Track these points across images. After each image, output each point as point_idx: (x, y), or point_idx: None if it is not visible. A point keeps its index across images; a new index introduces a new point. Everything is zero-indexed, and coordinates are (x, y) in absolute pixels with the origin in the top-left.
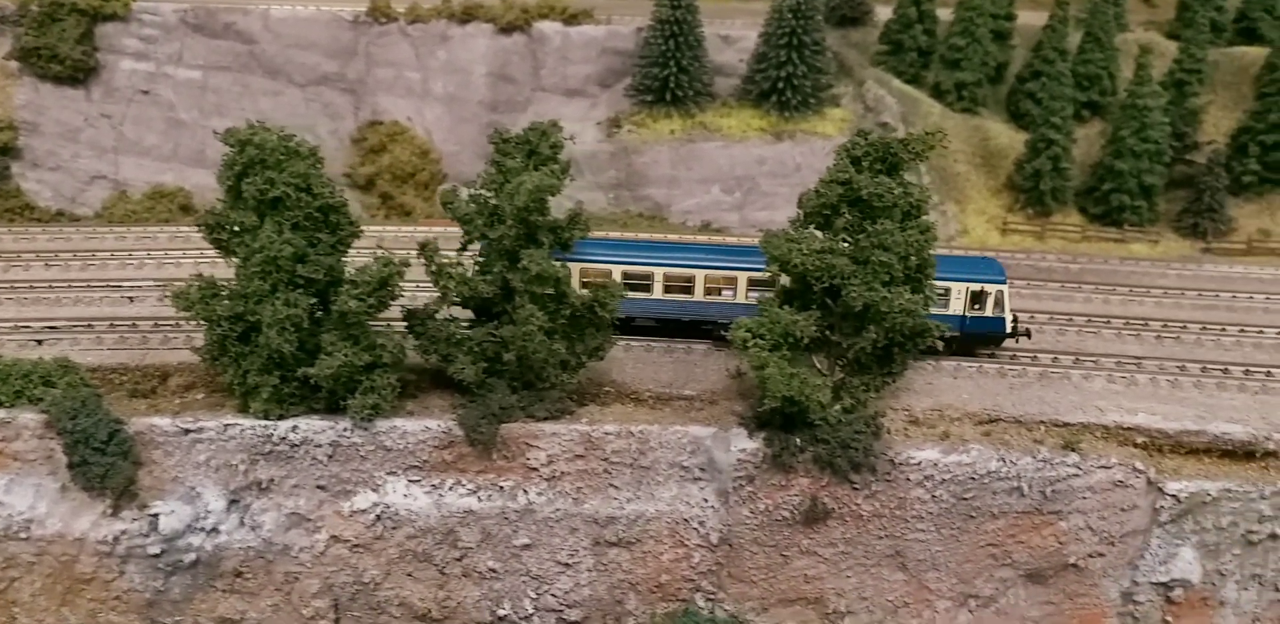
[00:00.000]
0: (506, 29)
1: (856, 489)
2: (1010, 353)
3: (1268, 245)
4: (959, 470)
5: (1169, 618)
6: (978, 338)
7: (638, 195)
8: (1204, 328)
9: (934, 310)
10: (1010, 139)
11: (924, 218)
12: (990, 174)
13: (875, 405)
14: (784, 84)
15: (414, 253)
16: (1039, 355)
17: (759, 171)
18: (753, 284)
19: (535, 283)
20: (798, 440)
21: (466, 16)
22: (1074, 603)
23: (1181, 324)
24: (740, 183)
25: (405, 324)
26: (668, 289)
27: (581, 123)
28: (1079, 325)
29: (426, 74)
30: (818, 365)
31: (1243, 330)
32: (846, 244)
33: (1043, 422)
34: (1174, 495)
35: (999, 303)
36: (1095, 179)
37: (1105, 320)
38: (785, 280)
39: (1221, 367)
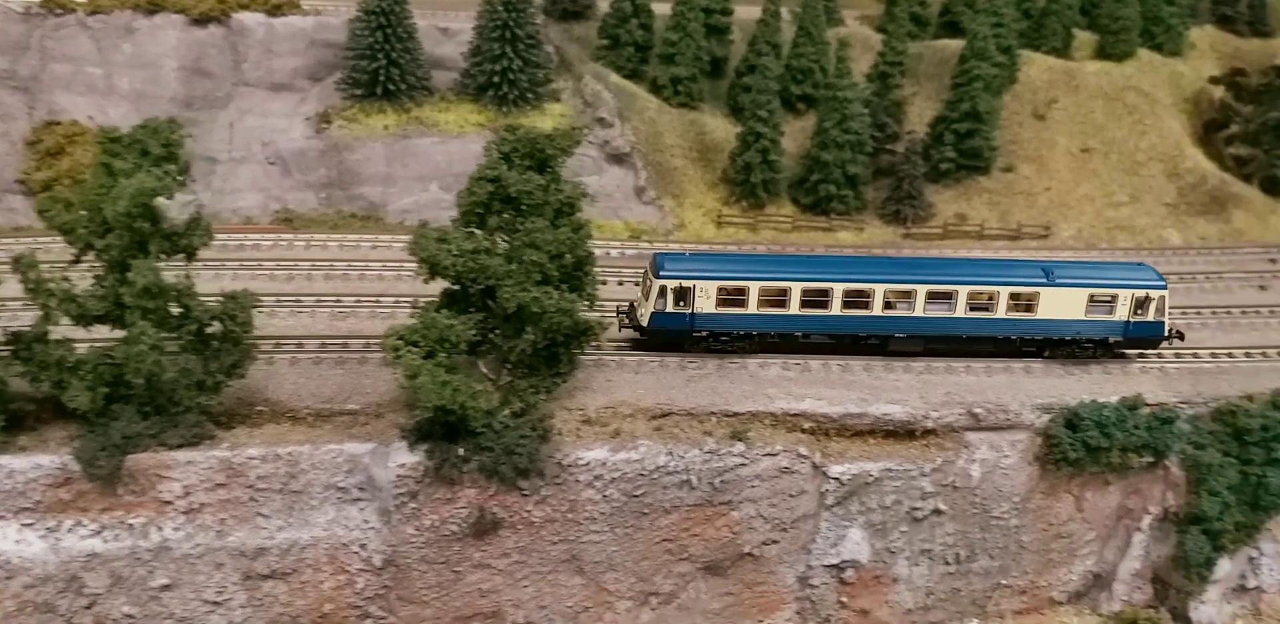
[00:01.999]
0: (201, 20)
1: (526, 496)
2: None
3: (962, 228)
4: (628, 468)
5: (844, 598)
6: (1138, 341)
7: (351, 195)
8: None
9: (1102, 316)
10: (726, 133)
11: (578, 216)
12: (707, 168)
13: (547, 407)
14: (500, 78)
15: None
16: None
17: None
18: (931, 297)
19: (145, 297)
20: (461, 450)
21: (154, 7)
22: (753, 592)
23: None
24: (459, 180)
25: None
26: (846, 305)
27: (289, 119)
28: None
29: (110, 69)
30: (484, 370)
31: None
32: (504, 244)
33: (714, 413)
34: (837, 478)
35: (1160, 308)
36: (805, 170)
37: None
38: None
39: None
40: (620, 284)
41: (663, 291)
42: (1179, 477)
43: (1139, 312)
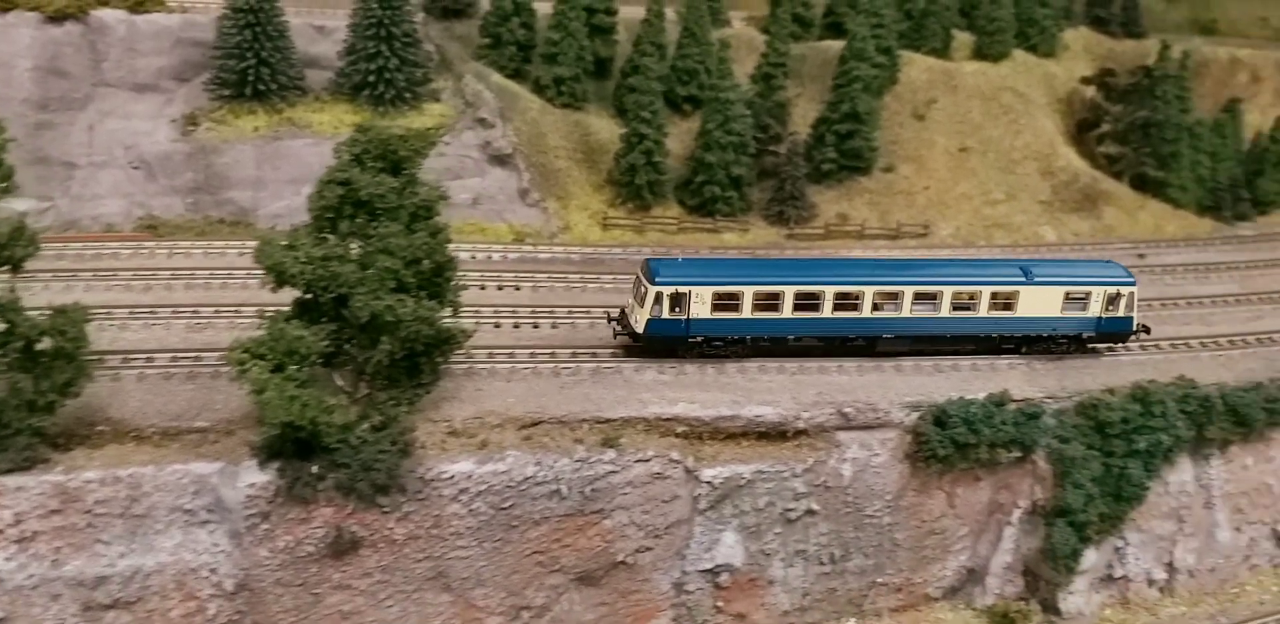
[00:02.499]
0: (56, 17)
1: (387, 513)
2: (570, 350)
3: (844, 229)
4: (495, 480)
5: (720, 603)
6: (1109, 336)
7: (220, 199)
8: None
9: (1076, 313)
10: (611, 134)
11: (436, 219)
12: (593, 169)
13: (409, 420)
14: (376, 78)
15: None
16: (597, 351)
17: None
18: (918, 298)
19: None
20: (315, 468)
21: (6, 4)
22: (628, 601)
23: None
24: None
25: None
26: (837, 307)
27: (154, 121)
28: None
29: None
30: (340, 383)
31: None
32: (357, 249)
33: (586, 420)
34: (710, 482)
35: (1129, 304)
36: (690, 172)
37: None
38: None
39: None
40: (500, 288)
41: (659, 298)
42: (1046, 470)
43: (1110, 307)
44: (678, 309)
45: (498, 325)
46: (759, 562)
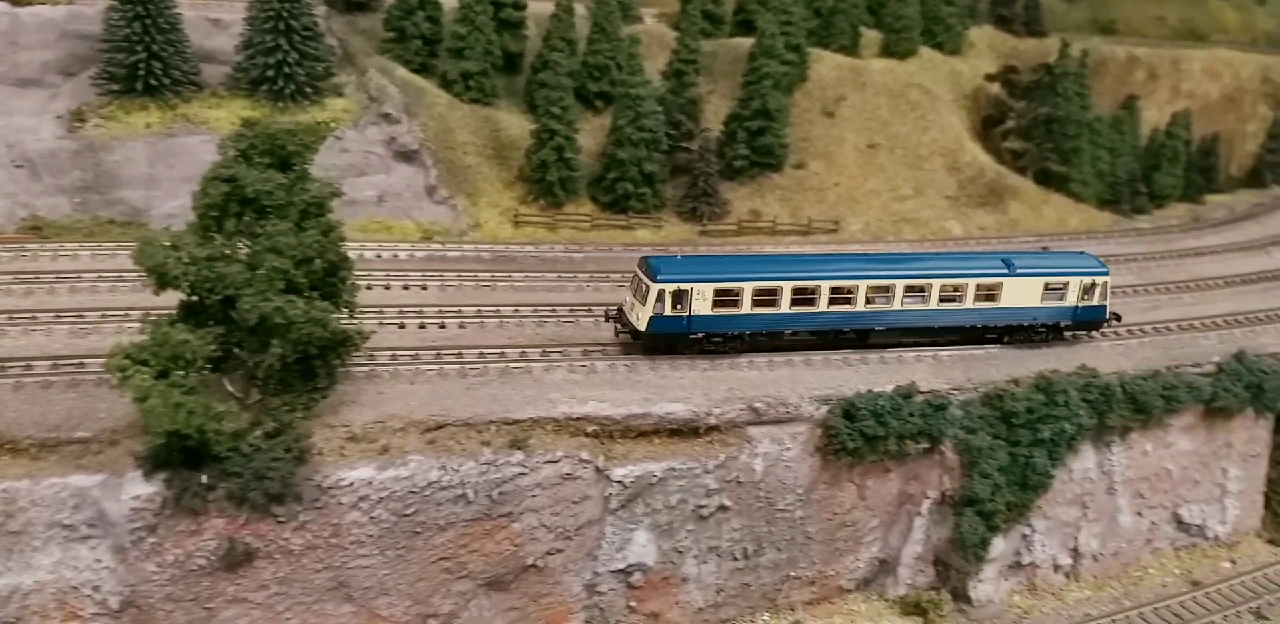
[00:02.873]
0: None
1: (282, 523)
2: (478, 350)
3: (756, 225)
4: (397, 486)
5: (633, 603)
6: (1084, 324)
7: (110, 199)
8: None
9: (1055, 303)
10: (522, 130)
11: (328, 217)
12: (503, 166)
13: (305, 426)
14: (275, 72)
15: None
16: (505, 351)
17: None
18: (908, 291)
19: None
20: (204, 477)
21: None
22: (539, 605)
23: None
24: None
25: None
26: (832, 301)
27: (38, 117)
28: (560, 316)
29: None
30: (231, 389)
31: None
32: (245, 249)
33: (493, 421)
34: (621, 481)
35: (1103, 293)
36: (603, 168)
37: (587, 308)
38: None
39: None
40: (406, 288)
41: (661, 295)
42: (954, 461)
43: (1085, 297)
44: (679, 306)
45: (402, 326)
46: (672, 560)
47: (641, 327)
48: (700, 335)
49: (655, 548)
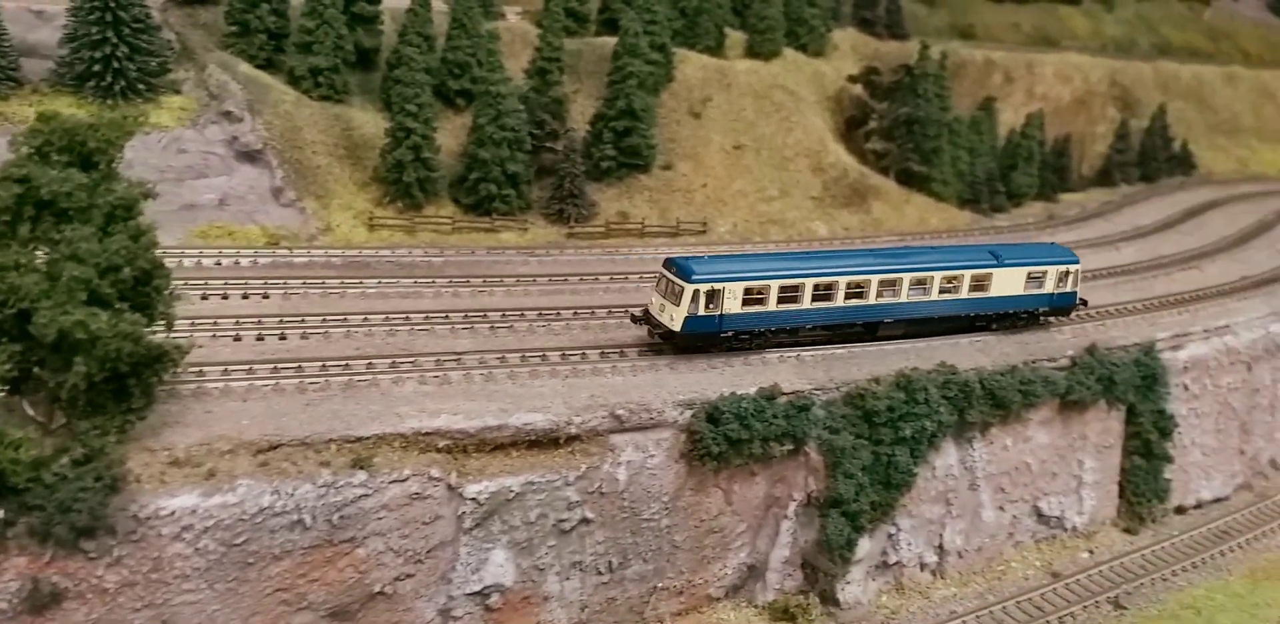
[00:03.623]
0: None
1: (94, 559)
2: (320, 363)
3: (625, 227)
4: (225, 513)
5: None
6: (1059, 310)
7: None
8: (540, 314)
9: (1035, 290)
10: (378, 129)
11: (139, 220)
12: (357, 166)
13: (120, 451)
14: (104, 67)
15: None
16: (351, 363)
17: None
18: (913, 284)
19: None
20: (1, 512)
21: None
22: None
23: (520, 312)
24: None
25: None
26: (847, 296)
27: None
28: (414, 324)
29: None
30: (31, 412)
31: (576, 314)
32: (43, 257)
33: (334, 440)
34: (475, 499)
35: (1075, 280)
36: (465, 169)
37: (444, 315)
38: None
39: (540, 353)
40: (246, 297)
41: (695, 296)
42: (818, 462)
43: (1060, 284)
44: (712, 305)
45: (238, 338)
46: (532, 578)
47: (676, 327)
48: (730, 333)
49: (514, 567)
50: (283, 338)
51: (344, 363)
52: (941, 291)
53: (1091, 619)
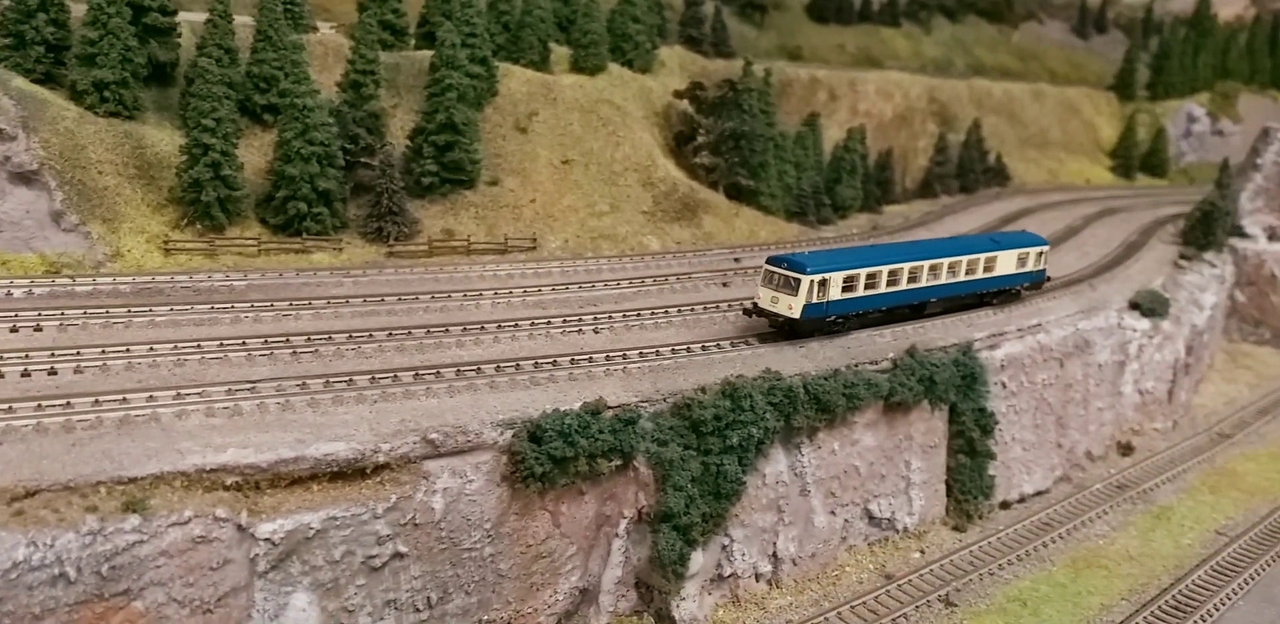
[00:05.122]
0: None
1: None
2: (93, 398)
3: (449, 244)
4: None
5: None
6: (1034, 286)
7: None
8: (350, 336)
9: (1021, 269)
10: (174, 146)
11: None
12: (151, 187)
13: None
14: None
15: None
16: (129, 397)
17: None
18: (949, 268)
19: None
20: None
21: None
22: None
23: (328, 336)
24: None
25: None
26: (908, 281)
27: None
28: (206, 352)
29: None
30: None
31: (390, 335)
32: None
33: (103, 482)
34: (269, 539)
35: (1045, 260)
36: (272, 187)
37: (241, 342)
38: None
39: (347, 378)
40: (15, 330)
41: (811, 286)
42: (647, 476)
43: (1036, 263)
44: (822, 293)
45: (1, 376)
46: (340, 620)
47: (796, 314)
48: (833, 317)
49: (318, 610)
50: (53, 373)
51: (120, 397)
52: (966, 273)
53: (924, 619)
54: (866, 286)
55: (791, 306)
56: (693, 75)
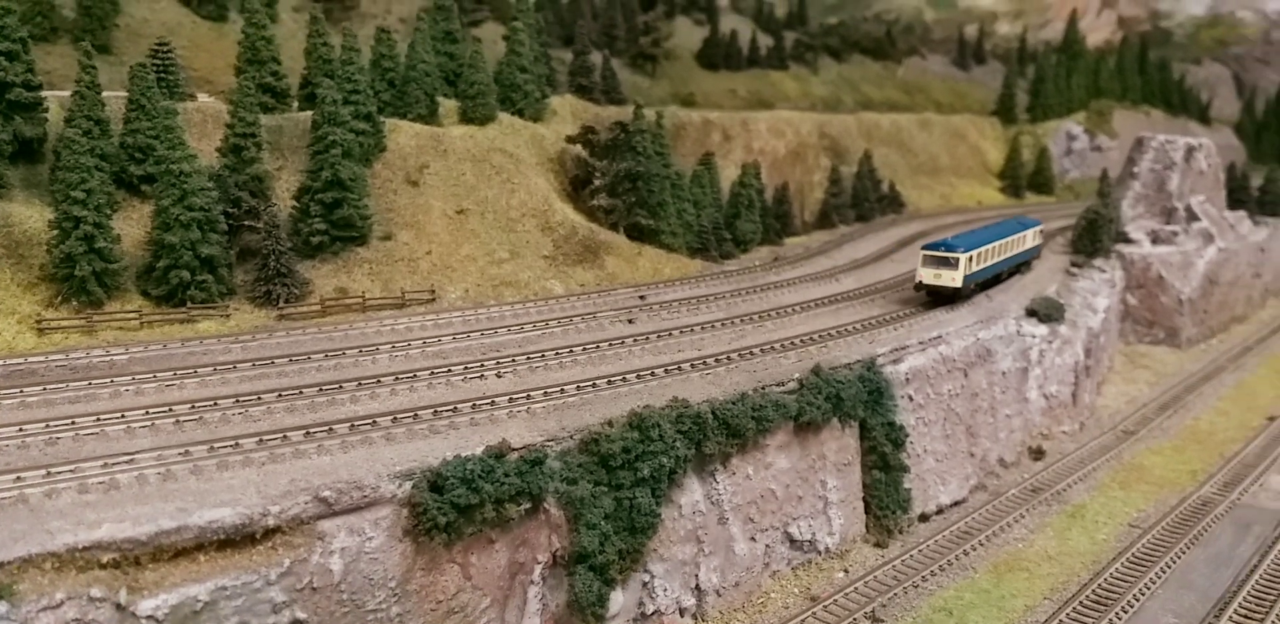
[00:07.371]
0: None
1: None
2: None
3: (344, 302)
4: None
5: None
6: (1035, 257)
7: None
8: (237, 401)
9: (1033, 245)
10: (45, 222)
11: None
12: (20, 266)
13: None
14: None
15: None
16: None
17: None
18: (1004, 246)
19: None
20: None
21: None
22: None
23: (213, 402)
24: None
25: None
26: (992, 256)
27: None
28: (80, 428)
29: None
30: None
31: (280, 396)
32: None
33: None
34: (152, 616)
35: (1043, 237)
36: (152, 256)
37: (119, 415)
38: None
39: (232, 442)
40: None
41: (965, 262)
42: (559, 517)
43: (1036, 240)
44: (969, 267)
45: None
46: None
47: (959, 284)
48: (973, 286)
49: None
50: None
51: None
52: (1015, 248)
53: None
54: (981, 260)
55: (954, 279)
56: (586, 122)
